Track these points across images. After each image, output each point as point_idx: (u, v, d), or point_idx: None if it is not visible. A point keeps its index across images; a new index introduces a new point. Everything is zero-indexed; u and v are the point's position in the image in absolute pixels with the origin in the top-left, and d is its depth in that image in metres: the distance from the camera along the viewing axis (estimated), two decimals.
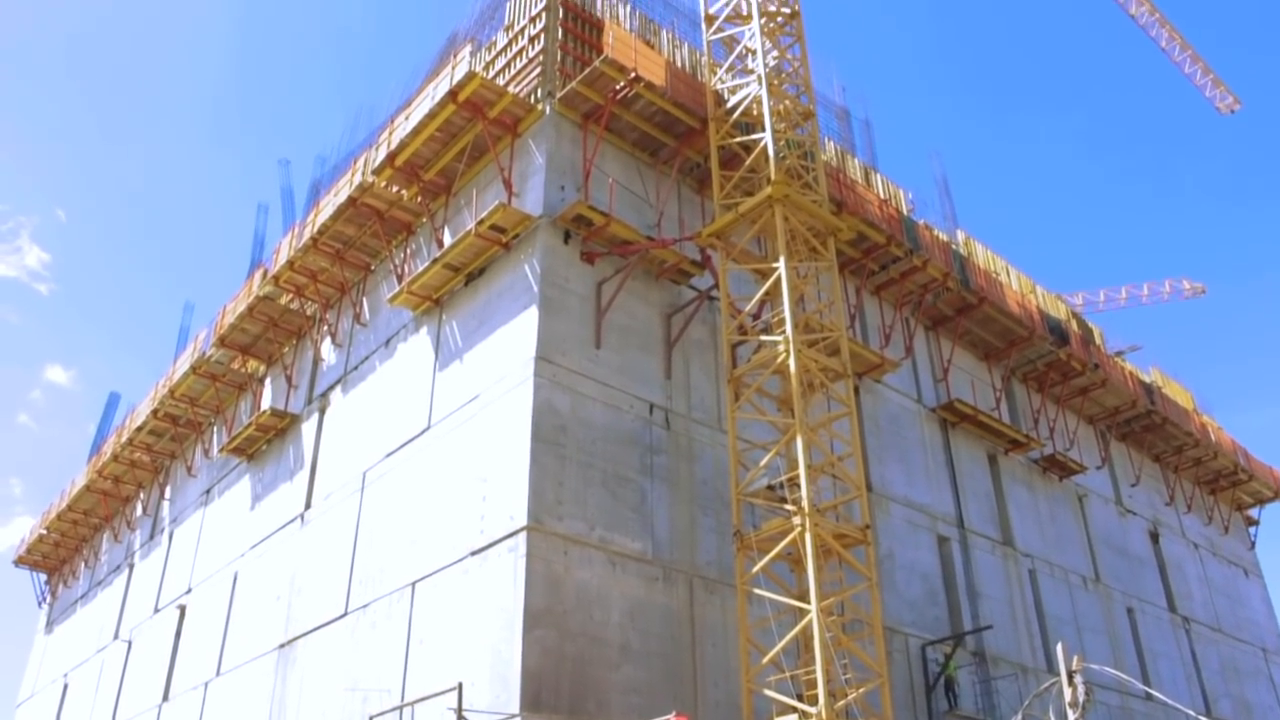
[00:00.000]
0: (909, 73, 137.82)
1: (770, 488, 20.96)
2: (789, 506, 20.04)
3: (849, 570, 21.07)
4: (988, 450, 32.95)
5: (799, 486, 19.87)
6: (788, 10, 26.36)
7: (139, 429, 39.63)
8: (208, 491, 35.86)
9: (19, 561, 52.06)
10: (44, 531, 48.87)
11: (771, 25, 25.92)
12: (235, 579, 30.71)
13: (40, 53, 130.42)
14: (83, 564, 47.99)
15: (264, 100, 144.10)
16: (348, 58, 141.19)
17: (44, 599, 52.58)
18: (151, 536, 40.16)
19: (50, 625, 50.20)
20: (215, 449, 36.05)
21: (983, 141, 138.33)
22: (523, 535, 19.16)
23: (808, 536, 19.14)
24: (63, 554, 50.31)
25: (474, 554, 20.22)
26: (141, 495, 42.94)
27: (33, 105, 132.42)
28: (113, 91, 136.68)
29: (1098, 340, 42.39)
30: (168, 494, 40.28)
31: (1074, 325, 39.65)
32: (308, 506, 28.18)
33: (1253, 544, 47.18)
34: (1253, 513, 48.03)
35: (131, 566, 40.99)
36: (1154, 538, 39.56)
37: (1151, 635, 35.65)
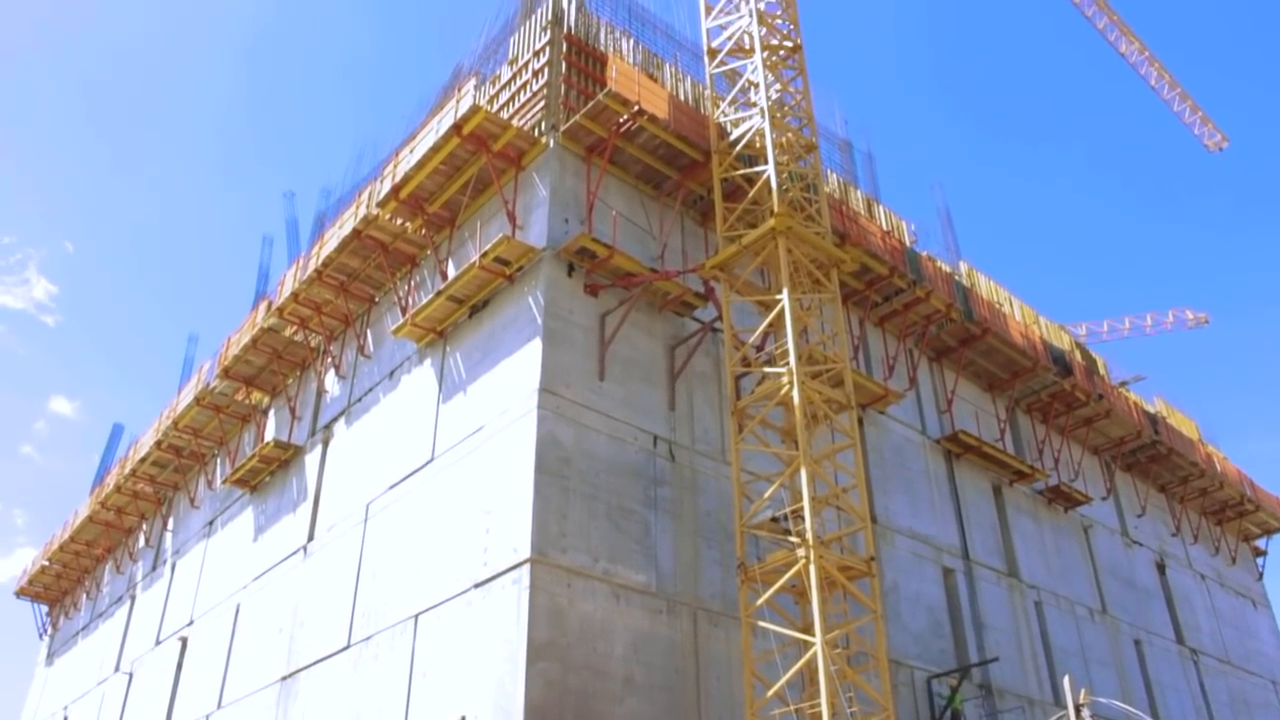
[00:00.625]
0: (911, 105, 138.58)
1: (774, 520, 20.88)
2: (793, 538, 19.96)
3: (854, 603, 20.97)
4: (992, 481, 32.86)
5: (803, 518, 19.80)
6: (790, 44, 26.58)
7: (142, 460, 39.64)
8: (210, 523, 35.79)
9: (20, 593, 51.93)
10: (46, 563, 48.79)
11: (774, 59, 26.12)
12: (237, 611, 30.59)
13: (51, 85, 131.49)
14: (84, 595, 47.85)
15: (270, 133, 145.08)
16: (353, 92, 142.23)
17: (45, 631, 52.40)
18: (154, 568, 40.05)
19: (51, 657, 49.99)
20: (218, 480, 36.02)
21: (985, 173, 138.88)
22: (526, 567, 19.09)
23: (812, 569, 19.06)
24: (64, 585, 50.19)
25: (477, 586, 20.14)
26: (144, 526, 42.88)
27: (43, 137, 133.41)
28: (121, 124, 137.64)
29: (1102, 371, 42.34)
30: (170, 525, 40.21)
31: (1078, 356, 39.64)
32: (310, 538, 28.11)
33: (1260, 575, 46.94)
34: (1260, 543, 47.84)
35: (133, 598, 40.86)
36: (1160, 569, 39.35)
37: (1159, 667, 35.38)
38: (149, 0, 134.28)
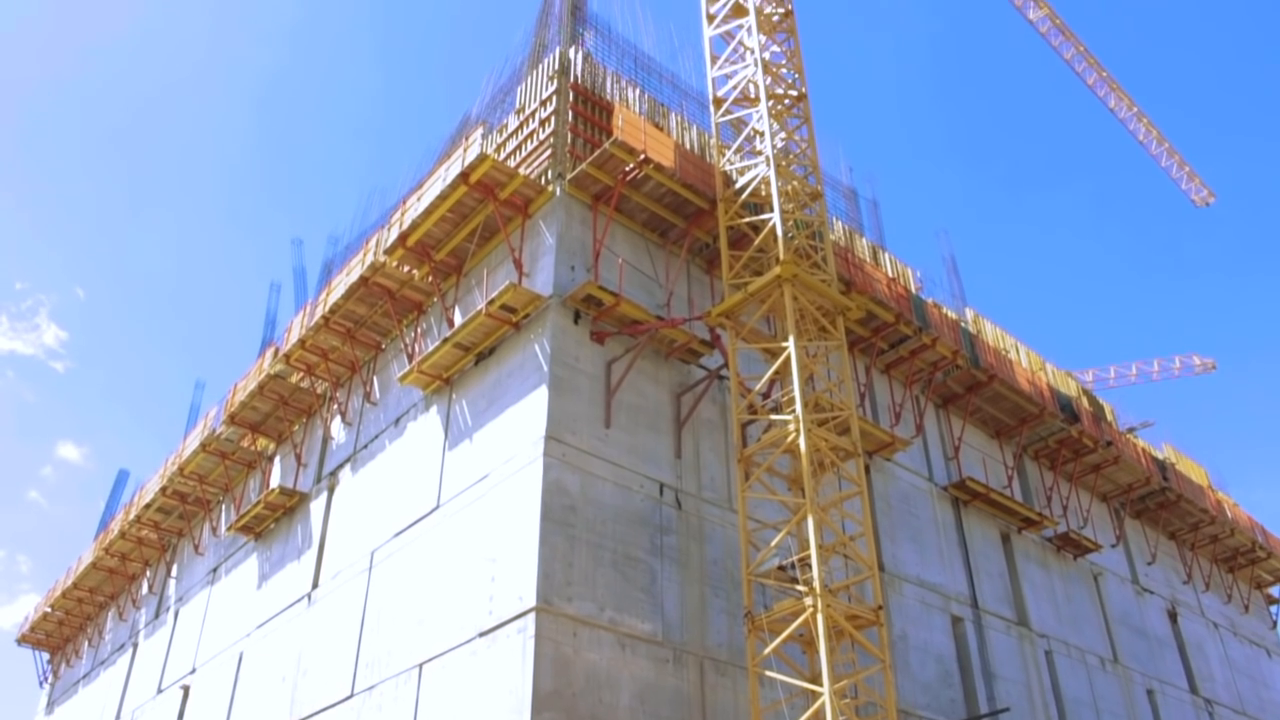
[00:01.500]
0: (916, 153, 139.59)
1: (781, 568, 20.77)
2: (800, 587, 19.81)
3: (862, 652, 20.77)
4: (1000, 529, 32.64)
5: (810, 567, 19.67)
6: (795, 93, 26.83)
7: (147, 506, 39.57)
8: (214, 570, 35.64)
9: (22, 640, 51.64)
10: (48, 609, 48.55)
11: (779, 107, 26.35)
12: (240, 659, 30.35)
13: (66, 132, 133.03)
14: (86, 643, 47.55)
15: (278, 181, 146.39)
16: (361, 140, 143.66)
17: (45, 678, 52.02)
18: (157, 615, 39.83)
19: (51, 705, 49.58)
20: (223, 527, 35.91)
21: (989, 220, 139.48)
22: (531, 616, 18.94)
23: (820, 618, 18.89)
24: (66, 633, 49.89)
25: (482, 635, 19.98)
26: (148, 573, 42.71)
27: (58, 183, 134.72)
28: (133, 170, 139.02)
29: (1109, 417, 42.19)
30: (174, 572, 40.04)
31: (1085, 402, 39.52)
32: (315, 586, 27.96)
33: (1275, 623, 46.44)
34: (1273, 591, 47.36)
35: (135, 645, 40.58)
36: (1172, 617, 38.94)
37: (1173, 718, 34.89)
38: (161, 49, 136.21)
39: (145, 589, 42.24)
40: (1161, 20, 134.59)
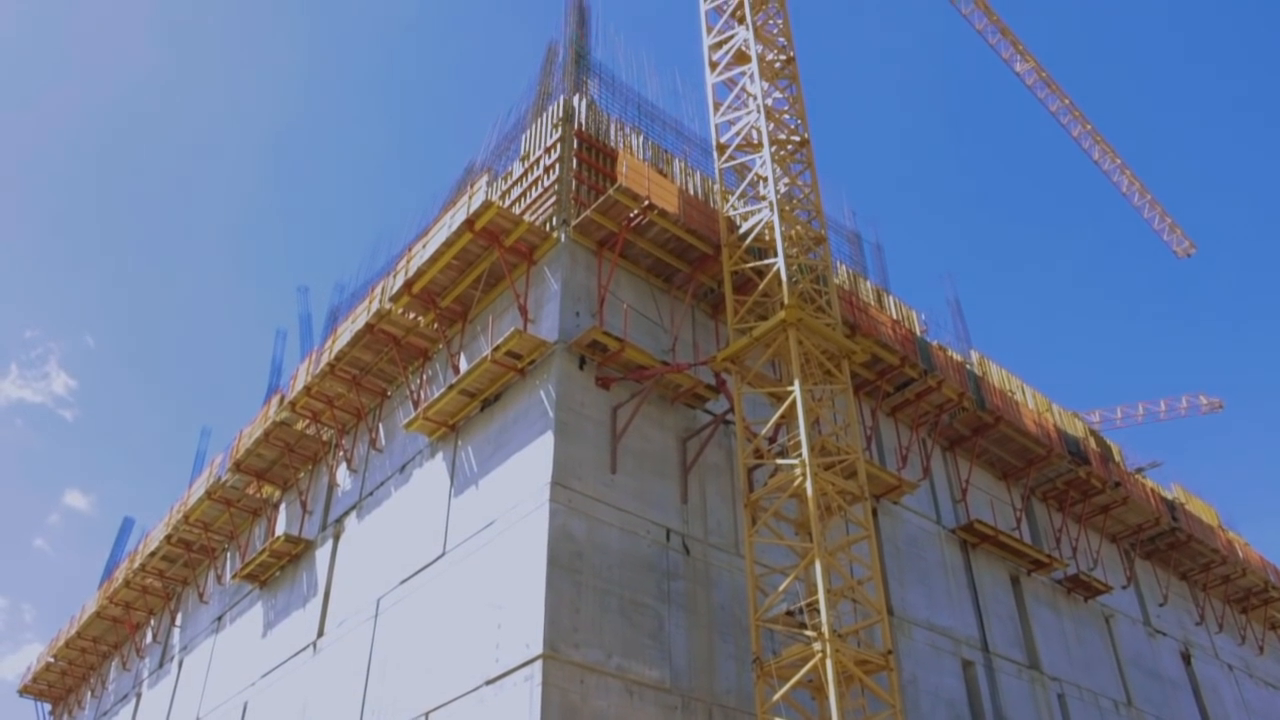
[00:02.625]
0: (919, 196, 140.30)
1: (789, 613, 20.62)
2: (809, 632, 19.69)
3: (872, 697, 20.58)
4: (1010, 571, 32.40)
5: (819, 611, 19.54)
6: (798, 138, 27.04)
7: (152, 554, 39.42)
8: (219, 618, 35.44)
9: (24, 691, 51.25)
10: (51, 659, 48.22)
11: (782, 153, 26.55)
12: (245, 708, 30.09)
13: (74, 181, 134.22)
14: (89, 693, 47.20)
15: (285, 229, 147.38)
16: (368, 189, 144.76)
17: None
18: (161, 664, 39.56)
19: None
20: (228, 575, 35.76)
21: (993, 261, 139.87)
22: (539, 664, 18.80)
23: (829, 663, 18.75)
24: (69, 683, 49.52)
25: (489, 683, 19.82)
26: (152, 622, 42.46)
27: (67, 232, 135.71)
28: (142, 219, 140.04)
29: (1117, 457, 42.05)
30: (179, 621, 39.82)
31: (1092, 443, 39.42)
32: (320, 634, 27.79)
33: None
34: None
35: (139, 695, 40.26)
36: (1186, 659, 38.51)
37: None
38: (168, 97, 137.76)
39: (149, 638, 41.99)
40: (1145, 71, 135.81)
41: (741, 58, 28.29)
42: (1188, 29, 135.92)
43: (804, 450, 21.21)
